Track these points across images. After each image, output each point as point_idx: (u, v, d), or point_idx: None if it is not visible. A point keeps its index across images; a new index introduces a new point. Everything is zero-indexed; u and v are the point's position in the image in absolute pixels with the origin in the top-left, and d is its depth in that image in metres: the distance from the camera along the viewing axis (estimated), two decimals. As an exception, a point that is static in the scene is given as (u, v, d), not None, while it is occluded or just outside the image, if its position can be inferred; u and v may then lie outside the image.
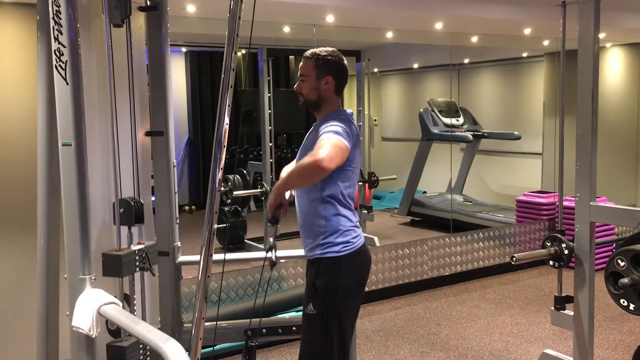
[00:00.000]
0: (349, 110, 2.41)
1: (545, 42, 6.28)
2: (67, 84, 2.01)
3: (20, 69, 3.21)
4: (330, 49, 2.41)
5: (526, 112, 7.47)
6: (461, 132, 7.04)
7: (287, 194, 2.36)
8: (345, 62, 2.43)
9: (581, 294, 2.63)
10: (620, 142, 6.81)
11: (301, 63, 2.41)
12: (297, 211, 2.42)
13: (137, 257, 2.35)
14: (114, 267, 2.25)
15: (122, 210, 2.33)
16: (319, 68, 2.36)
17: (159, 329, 2.25)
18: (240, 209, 6.30)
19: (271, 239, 2.31)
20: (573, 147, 2.63)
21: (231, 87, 1.81)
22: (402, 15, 4.47)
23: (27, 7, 3.17)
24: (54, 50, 2.01)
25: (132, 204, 2.33)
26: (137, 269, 2.37)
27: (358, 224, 2.41)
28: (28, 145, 2.77)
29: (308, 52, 2.41)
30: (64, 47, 1.99)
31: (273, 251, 2.29)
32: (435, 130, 7.10)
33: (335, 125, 2.21)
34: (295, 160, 2.48)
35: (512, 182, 7.64)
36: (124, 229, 2.35)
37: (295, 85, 2.42)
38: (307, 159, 2.10)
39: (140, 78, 2.63)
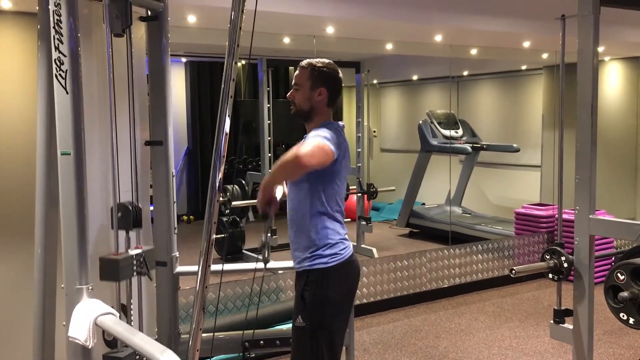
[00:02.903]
0: (340, 123, 2.42)
1: (544, 55, 6.31)
2: (67, 93, 2.01)
3: (20, 77, 3.21)
4: (326, 61, 2.42)
5: (525, 125, 7.49)
6: (460, 144, 7.05)
7: (279, 193, 2.35)
8: (341, 75, 2.43)
9: (580, 307, 2.61)
10: (618, 155, 6.81)
11: (296, 72, 2.41)
12: (288, 224, 2.42)
13: (135, 262, 2.33)
14: (111, 271, 2.23)
15: (119, 214, 2.32)
16: (314, 79, 2.36)
17: (156, 339, 2.23)
18: (238, 219, 6.29)
19: (263, 237, 2.30)
20: (572, 160, 2.63)
21: (231, 97, 1.81)
22: (402, 27, 4.49)
23: (28, 16, 3.17)
24: (54, 60, 2.01)
25: (130, 208, 2.32)
26: (135, 273, 2.35)
27: (347, 236, 2.41)
28: (27, 154, 2.76)
29: (304, 62, 2.41)
30: (65, 56, 1.99)
31: (266, 248, 2.28)
32: (434, 142, 7.11)
33: (323, 132, 2.23)
34: None
35: (511, 194, 7.64)
36: (122, 234, 2.33)
37: (289, 94, 2.42)
38: (288, 154, 2.10)
39: (140, 88, 2.63)
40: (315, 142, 2.15)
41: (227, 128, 1.82)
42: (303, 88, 2.38)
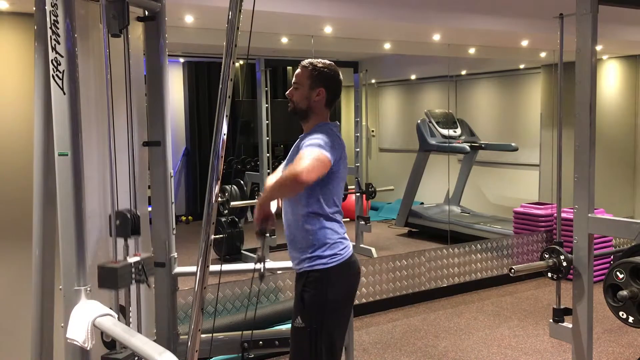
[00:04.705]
0: (336, 123, 2.42)
1: (543, 54, 6.31)
2: (64, 93, 2.00)
3: (17, 78, 3.20)
4: (327, 62, 2.42)
5: (523, 124, 7.49)
6: (459, 143, 7.05)
7: (274, 206, 2.35)
8: (341, 76, 2.43)
9: (580, 306, 2.61)
10: (617, 154, 6.82)
11: (297, 70, 2.42)
12: (284, 226, 2.41)
13: (134, 270, 2.33)
14: (110, 279, 2.23)
15: (118, 222, 2.31)
16: (313, 79, 2.36)
17: (155, 341, 2.23)
18: (237, 219, 6.28)
19: (259, 252, 2.31)
20: (571, 159, 2.62)
21: (229, 97, 1.81)
22: (400, 26, 4.48)
23: (25, 17, 3.16)
24: (51, 60, 2.00)
25: (129, 216, 2.32)
26: (133, 281, 2.35)
27: (346, 235, 2.41)
28: (24, 154, 2.75)
29: (305, 61, 2.42)
30: (62, 56, 1.99)
31: (262, 264, 2.30)
32: (433, 142, 7.11)
33: (318, 139, 2.22)
34: (281, 169, 2.48)
35: (509, 193, 7.64)
36: (120, 241, 2.33)
37: (288, 91, 2.42)
38: (286, 172, 2.12)
39: (137, 88, 2.62)
40: (312, 155, 2.14)
41: (225, 128, 1.81)
42: (302, 87, 2.38)
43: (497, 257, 5.82)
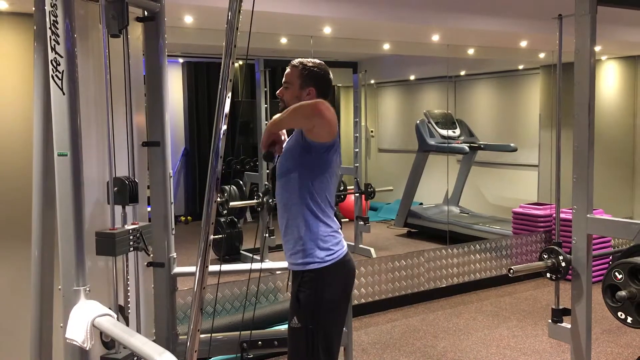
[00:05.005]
0: None
1: (541, 55, 6.31)
2: (64, 94, 2.00)
3: (16, 78, 3.20)
4: (317, 61, 2.42)
5: (522, 124, 7.50)
6: (458, 143, 7.05)
7: (283, 136, 2.38)
8: (331, 76, 2.43)
9: (578, 306, 2.62)
10: (616, 154, 6.82)
11: (287, 70, 2.42)
12: (278, 215, 2.41)
13: (131, 237, 2.31)
14: (108, 245, 2.22)
15: (116, 189, 2.30)
16: (303, 78, 2.37)
17: (154, 341, 2.23)
18: (236, 219, 6.28)
19: (267, 183, 2.29)
20: (569, 159, 2.63)
21: (228, 97, 1.81)
22: (399, 27, 4.49)
23: (24, 17, 3.16)
24: (51, 60, 2.00)
25: (127, 183, 2.30)
26: (131, 248, 2.33)
27: (339, 230, 2.40)
28: (23, 155, 2.75)
29: (295, 61, 2.42)
30: (61, 57, 1.99)
31: (269, 195, 2.27)
32: (432, 142, 7.11)
33: None
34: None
35: (508, 193, 7.64)
36: (118, 209, 2.32)
37: (278, 91, 2.43)
38: (305, 102, 2.18)
39: (137, 88, 2.62)
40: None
41: (224, 129, 1.81)
42: (292, 86, 2.38)
43: (496, 257, 5.82)
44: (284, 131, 2.40)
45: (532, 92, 7.23)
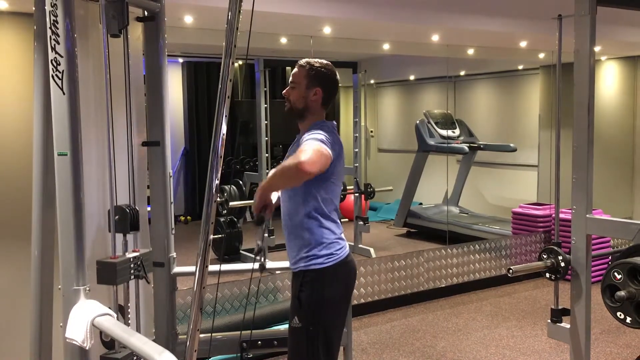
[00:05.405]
0: (333, 122, 2.42)
1: (541, 55, 6.31)
2: (64, 93, 2.00)
3: (16, 78, 3.20)
4: (324, 61, 2.42)
5: (522, 124, 7.50)
6: (457, 143, 7.06)
7: (274, 197, 2.34)
8: (338, 77, 2.43)
9: (578, 306, 2.62)
10: (615, 154, 6.83)
11: (294, 70, 2.42)
12: (282, 225, 2.41)
13: (132, 265, 2.33)
14: (109, 274, 2.23)
15: (117, 217, 2.32)
16: (310, 78, 2.37)
17: (154, 340, 2.23)
18: (236, 219, 6.28)
19: (259, 242, 2.28)
20: (569, 159, 2.63)
21: (228, 97, 1.81)
22: (399, 27, 4.49)
23: (24, 17, 3.16)
24: (51, 60, 2.00)
25: (128, 211, 2.32)
26: (132, 276, 2.35)
27: (342, 235, 2.41)
28: (23, 154, 2.75)
29: (302, 61, 2.42)
30: (61, 56, 1.99)
31: (262, 254, 2.27)
32: (432, 142, 7.11)
33: (318, 134, 2.22)
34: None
35: (508, 194, 7.64)
36: (119, 237, 2.33)
37: (284, 90, 2.42)
38: (289, 161, 2.08)
39: (137, 88, 2.63)
40: (314, 147, 2.12)
41: (224, 128, 1.82)
42: (299, 86, 2.38)
43: (496, 257, 5.82)
44: (275, 193, 2.36)
45: (532, 92, 7.23)
